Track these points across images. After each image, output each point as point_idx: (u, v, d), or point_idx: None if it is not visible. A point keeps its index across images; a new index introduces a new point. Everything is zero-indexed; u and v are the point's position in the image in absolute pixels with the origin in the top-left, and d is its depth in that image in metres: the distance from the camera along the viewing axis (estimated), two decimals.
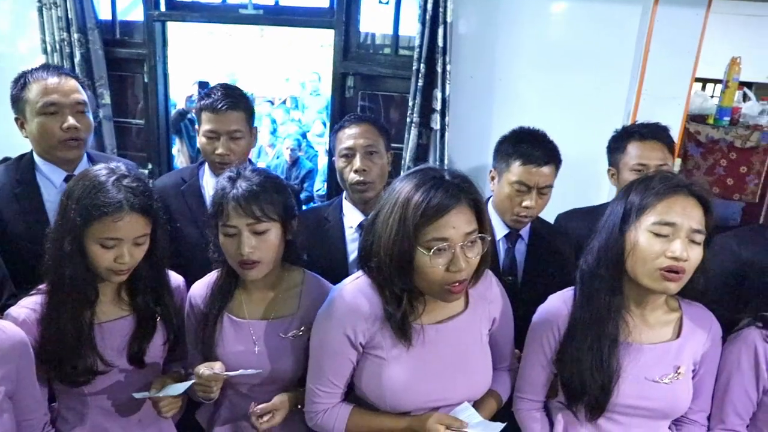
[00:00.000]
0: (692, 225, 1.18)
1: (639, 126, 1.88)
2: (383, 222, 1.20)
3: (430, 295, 1.24)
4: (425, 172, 1.21)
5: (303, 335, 1.43)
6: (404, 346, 1.25)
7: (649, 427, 1.31)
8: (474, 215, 1.20)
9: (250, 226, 1.33)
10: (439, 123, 2.51)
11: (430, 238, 1.15)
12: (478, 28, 2.56)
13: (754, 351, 1.29)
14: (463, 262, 1.17)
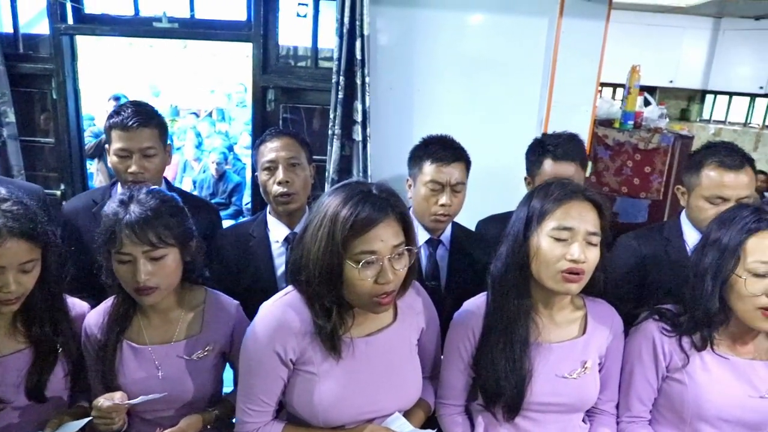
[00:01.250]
0: (588, 228, 1.25)
1: (554, 142, 1.92)
2: (312, 236, 1.20)
3: (359, 308, 1.25)
4: (353, 186, 1.23)
5: (208, 355, 1.41)
6: (334, 360, 1.26)
7: (563, 421, 1.38)
8: (401, 228, 1.22)
9: (145, 253, 1.29)
10: (360, 134, 2.54)
11: (359, 251, 1.16)
12: (396, 41, 2.61)
13: (653, 342, 1.37)
14: (391, 274, 1.19)
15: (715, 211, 1.61)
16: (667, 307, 1.40)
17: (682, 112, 7.38)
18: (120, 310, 1.39)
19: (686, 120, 7.23)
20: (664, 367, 1.37)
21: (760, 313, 1.23)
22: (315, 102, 2.82)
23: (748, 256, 1.24)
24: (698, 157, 1.74)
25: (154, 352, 1.39)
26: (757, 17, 6.27)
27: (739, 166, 1.65)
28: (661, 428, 1.42)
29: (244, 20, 2.70)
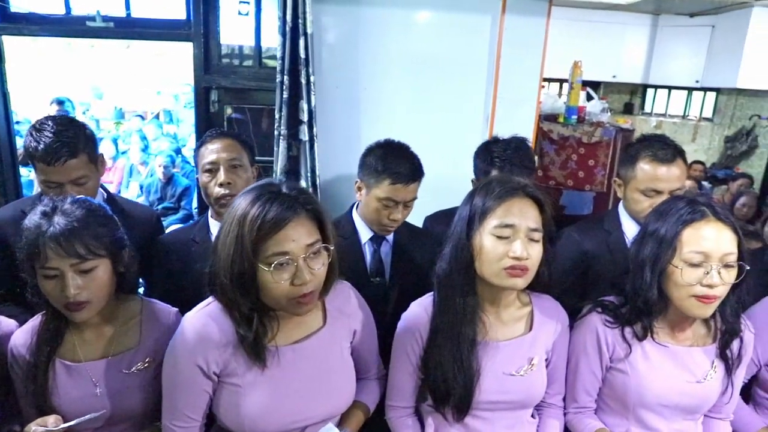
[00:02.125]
0: (529, 225, 1.26)
1: (501, 155, 1.91)
2: (222, 241, 1.16)
3: (280, 311, 1.22)
4: (262, 186, 1.19)
5: (149, 367, 1.35)
6: (259, 369, 1.22)
7: (512, 418, 1.38)
8: (315, 226, 1.20)
9: (74, 267, 1.22)
10: (307, 134, 2.50)
11: (270, 253, 1.13)
12: (341, 39, 2.59)
13: (596, 334, 1.40)
14: (308, 275, 1.16)
15: (650, 203, 1.66)
16: (609, 300, 1.43)
17: (625, 106, 7.62)
18: (50, 327, 1.31)
19: (629, 113, 7.47)
20: (607, 358, 1.40)
21: (696, 301, 1.26)
22: (260, 102, 2.77)
23: (683, 247, 1.27)
24: (633, 151, 1.78)
25: (90, 368, 1.32)
26: (691, 14, 6.53)
27: (672, 159, 1.70)
28: (607, 417, 1.45)
29: (184, 19, 2.62)
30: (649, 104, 7.62)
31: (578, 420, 1.45)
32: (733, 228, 1.26)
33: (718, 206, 1.29)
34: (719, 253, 1.24)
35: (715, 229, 1.25)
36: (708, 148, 7.07)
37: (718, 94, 6.91)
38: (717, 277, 1.23)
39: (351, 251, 1.79)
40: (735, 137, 6.58)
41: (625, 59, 6.87)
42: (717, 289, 1.24)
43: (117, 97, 8.74)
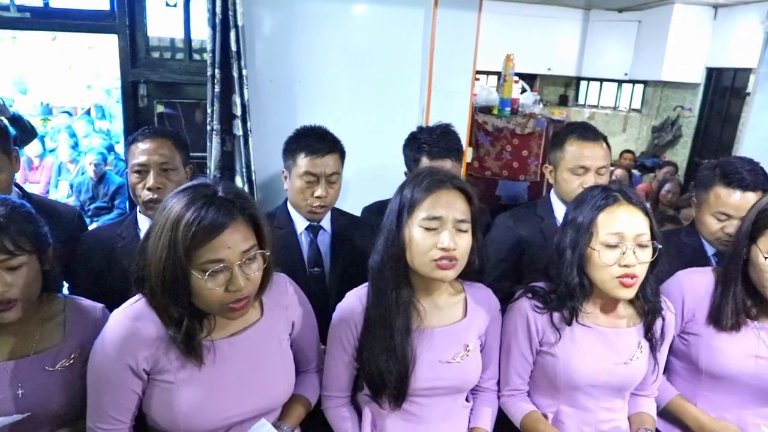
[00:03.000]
0: (456, 216, 1.28)
1: (428, 140, 1.95)
2: (153, 245, 1.12)
3: (212, 314, 1.20)
4: (197, 188, 1.15)
5: (74, 364, 1.30)
6: (195, 366, 1.20)
7: (448, 403, 1.41)
8: (252, 230, 1.18)
9: (2, 263, 1.17)
10: (241, 129, 2.45)
11: (205, 260, 1.11)
12: (273, 31, 2.55)
13: (527, 319, 1.44)
14: (243, 281, 1.14)
15: (580, 182, 1.78)
16: (539, 285, 1.47)
17: (560, 98, 7.87)
18: None
19: (564, 105, 7.73)
20: (537, 342, 1.44)
21: (617, 282, 1.32)
22: (192, 96, 2.70)
23: (599, 230, 1.32)
24: (560, 135, 1.91)
25: (8, 368, 1.25)
26: (620, 9, 6.81)
27: (596, 139, 1.85)
28: (539, 398, 1.50)
29: (107, 10, 2.51)
30: (582, 96, 7.91)
31: (511, 403, 1.49)
32: (644, 210, 1.33)
33: (629, 191, 1.36)
34: (632, 233, 1.30)
35: (628, 212, 1.32)
36: (637, 138, 7.41)
37: (646, 87, 7.25)
38: (632, 256, 1.30)
39: (287, 242, 1.79)
40: (661, 127, 6.92)
41: (559, 53, 7.10)
42: (635, 268, 1.30)
43: (43, 92, 8.30)
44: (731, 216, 1.66)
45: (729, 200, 1.66)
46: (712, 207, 1.71)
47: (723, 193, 1.68)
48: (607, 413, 1.45)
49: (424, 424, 1.39)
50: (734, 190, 1.66)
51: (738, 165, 1.69)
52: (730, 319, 1.46)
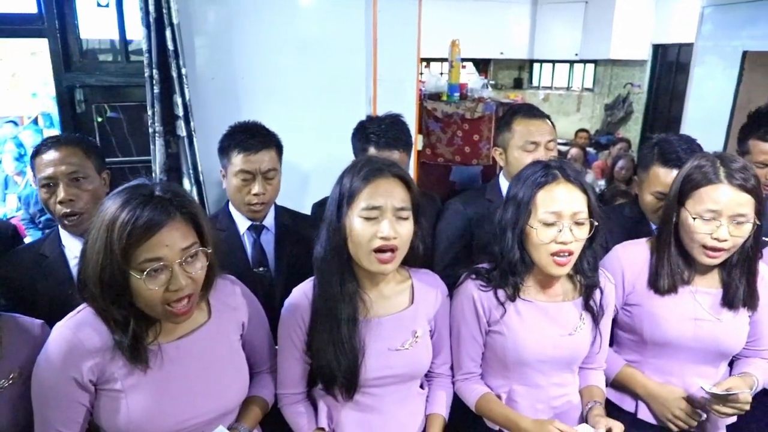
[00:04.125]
0: (396, 204, 1.28)
1: (376, 131, 1.94)
2: (90, 248, 1.11)
3: (156, 317, 1.18)
4: (134, 188, 1.13)
5: (15, 383, 1.25)
6: (141, 371, 1.17)
7: (402, 391, 1.41)
8: (192, 228, 1.16)
9: None
10: (185, 129, 2.39)
11: (142, 259, 1.09)
12: (212, 28, 2.49)
13: (473, 300, 1.45)
14: (184, 280, 1.12)
15: (532, 158, 1.77)
16: (482, 266, 1.48)
17: (515, 81, 7.96)
18: None
19: (519, 88, 7.82)
20: (485, 321, 1.45)
21: (552, 260, 1.34)
22: (133, 99, 2.61)
23: (538, 208, 1.34)
24: (507, 117, 1.95)
25: None
26: None
27: (541, 116, 1.91)
28: (492, 380, 1.51)
29: (35, 13, 2.41)
30: (536, 78, 8.01)
31: (465, 386, 1.50)
32: (582, 188, 1.35)
33: (569, 168, 1.37)
34: (570, 212, 1.32)
35: (566, 190, 1.33)
36: (591, 117, 7.55)
37: (596, 66, 7.38)
38: (569, 234, 1.32)
39: (230, 243, 1.76)
40: (613, 105, 7.07)
41: (511, 36, 7.18)
42: (571, 245, 1.32)
43: None
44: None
45: (667, 179, 1.70)
46: (652, 186, 1.76)
47: (661, 172, 1.73)
48: (558, 389, 1.48)
49: (379, 413, 1.39)
50: (671, 169, 1.70)
51: (675, 144, 1.74)
52: (666, 281, 1.50)
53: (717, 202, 1.39)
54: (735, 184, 1.38)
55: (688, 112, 3.44)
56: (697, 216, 1.41)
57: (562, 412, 1.47)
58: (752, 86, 3.24)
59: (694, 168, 1.44)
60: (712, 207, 1.39)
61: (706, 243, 1.42)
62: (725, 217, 1.39)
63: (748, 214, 1.39)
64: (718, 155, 1.45)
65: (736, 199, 1.38)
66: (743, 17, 3.01)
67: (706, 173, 1.41)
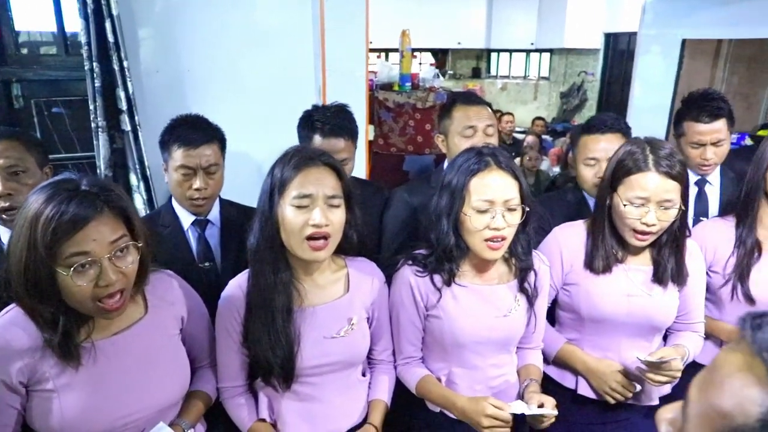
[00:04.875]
0: (326, 192, 1.29)
1: (321, 119, 1.95)
2: (13, 245, 1.08)
3: (88, 313, 1.16)
4: (58, 183, 1.11)
5: None
6: (74, 369, 1.16)
7: (341, 378, 1.43)
8: (121, 222, 1.15)
9: None
10: (129, 124, 2.34)
11: (69, 254, 1.07)
12: (155, 19, 2.44)
13: (410, 285, 1.47)
14: (114, 274, 1.11)
15: (470, 143, 1.83)
16: (420, 251, 1.51)
17: (473, 71, 8.03)
18: None
19: (477, 77, 7.89)
20: (423, 306, 1.48)
21: (486, 245, 1.37)
22: (74, 93, 2.55)
23: (471, 196, 1.37)
24: (447, 104, 1.99)
25: None
26: None
27: (480, 102, 1.95)
28: (432, 363, 1.54)
29: None
30: (494, 68, 8.10)
31: (406, 370, 1.53)
32: (513, 175, 1.38)
33: (501, 155, 1.40)
34: (502, 198, 1.35)
35: (498, 177, 1.37)
36: (548, 105, 7.69)
37: (552, 55, 7.51)
38: (501, 220, 1.35)
39: (174, 239, 1.74)
40: (568, 93, 7.21)
41: (468, 26, 7.24)
42: (503, 231, 1.36)
43: None
44: (598, 159, 1.81)
45: (594, 145, 1.82)
46: (582, 155, 1.86)
47: (588, 140, 1.85)
48: (495, 369, 1.52)
49: (320, 402, 1.40)
50: (595, 134, 1.83)
51: (599, 116, 1.89)
52: (601, 262, 1.56)
53: (645, 189, 1.45)
54: (662, 172, 1.43)
55: (634, 98, 3.54)
56: (628, 202, 1.47)
57: (500, 392, 1.51)
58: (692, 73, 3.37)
59: (626, 154, 1.50)
60: (640, 194, 1.45)
61: (635, 227, 1.48)
62: (653, 203, 1.45)
63: (674, 200, 1.45)
64: (648, 141, 1.51)
65: (663, 186, 1.44)
66: (682, 7, 3.11)
67: (636, 160, 1.46)
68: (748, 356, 0.48)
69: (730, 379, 0.48)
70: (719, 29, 3.04)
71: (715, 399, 0.49)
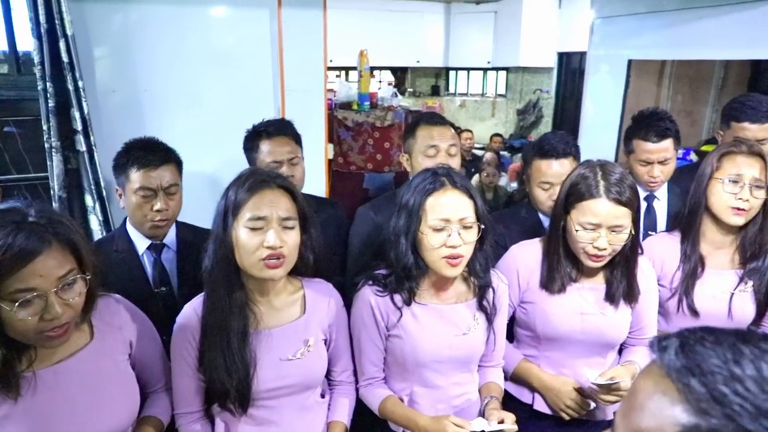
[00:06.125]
0: (281, 214, 1.30)
1: (266, 124, 2.00)
2: None
3: (29, 343, 1.13)
4: (5, 213, 1.07)
5: None
6: (12, 401, 1.12)
7: (299, 401, 1.43)
8: (70, 254, 1.12)
9: None
10: (84, 144, 2.30)
11: (13, 290, 1.03)
12: (111, 39, 2.42)
13: (370, 306, 1.49)
14: (60, 308, 1.08)
15: (433, 162, 1.86)
16: (380, 271, 1.53)
17: (432, 89, 8.16)
18: None
19: (436, 95, 8.02)
20: (384, 326, 1.50)
21: (445, 262, 1.40)
22: (28, 113, 2.49)
23: (428, 215, 1.40)
24: (412, 124, 2.03)
25: None
26: (477, 1, 7.18)
27: (444, 123, 1.99)
28: (394, 382, 1.56)
29: None
30: (453, 85, 8.26)
31: (368, 391, 1.54)
32: (468, 194, 1.42)
33: (455, 175, 1.44)
34: (457, 217, 1.39)
35: (453, 196, 1.40)
36: (505, 122, 7.87)
37: (508, 73, 7.71)
38: (458, 238, 1.38)
39: (128, 264, 1.71)
40: (525, 110, 7.41)
41: (426, 45, 7.36)
42: (460, 248, 1.39)
43: None
44: (552, 183, 1.86)
45: (548, 170, 1.87)
46: (536, 179, 1.90)
47: (542, 165, 1.89)
48: (457, 388, 1.54)
49: (276, 425, 1.40)
50: (549, 160, 1.87)
51: (551, 139, 1.91)
52: (557, 283, 1.61)
53: (596, 215, 1.49)
54: (612, 198, 1.48)
55: (585, 116, 3.68)
56: (580, 227, 1.51)
57: (462, 410, 1.53)
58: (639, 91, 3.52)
59: (579, 177, 1.54)
60: (592, 220, 1.49)
61: (588, 250, 1.52)
62: (604, 228, 1.49)
63: (625, 225, 1.50)
64: (600, 165, 1.55)
65: (613, 213, 1.48)
66: (627, 29, 3.26)
67: (589, 186, 1.50)
68: (659, 378, 0.51)
69: (647, 402, 0.51)
70: (662, 50, 3.20)
71: (637, 423, 0.51)
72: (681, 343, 0.51)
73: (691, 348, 0.50)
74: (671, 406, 0.48)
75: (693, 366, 0.48)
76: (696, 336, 0.51)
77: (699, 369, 0.48)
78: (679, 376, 0.49)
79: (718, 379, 0.46)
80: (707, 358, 0.48)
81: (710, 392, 0.46)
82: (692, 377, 0.48)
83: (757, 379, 0.46)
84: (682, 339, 0.51)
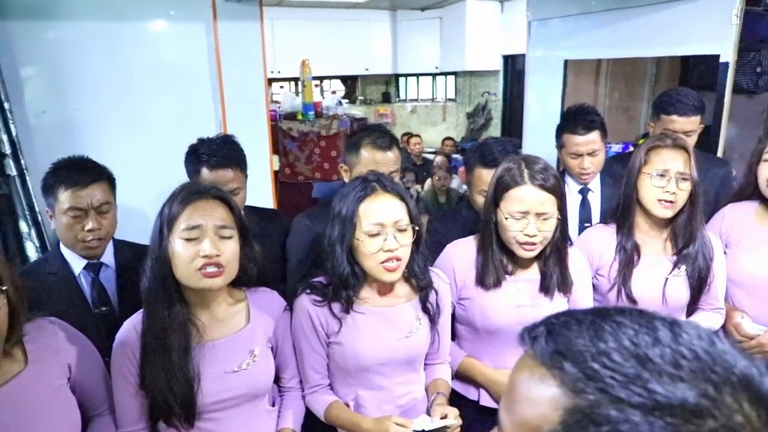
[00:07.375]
0: (216, 223, 1.30)
1: (207, 151, 1.92)
2: None
3: None
4: None
5: None
6: None
7: (246, 411, 1.42)
8: None
9: None
10: (15, 168, 2.23)
11: None
12: (40, 59, 2.35)
13: (308, 314, 1.49)
14: None
15: None
16: (318, 280, 1.53)
17: (383, 96, 8.20)
18: None
19: (387, 102, 8.07)
20: (324, 334, 1.50)
21: (382, 267, 1.42)
22: None
23: (362, 221, 1.41)
24: (356, 139, 1.98)
25: None
26: (422, 8, 7.26)
27: (389, 146, 1.94)
28: (338, 387, 1.56)
29: None
30: (403, 92, 8.32)
31: (314, 399, 1.54)
32: (400, 197, 1.45)
33: (386, 180, 1.46)
34: (391, 220, 1.41)
35: (385, 201, 1.42)
36: (456, 125, 7.98)
37: (456, 77, 7.83)
38: (393, 241, 1.40)
39: (64, 286, 1.67)
40: (474, 113, 7.52)
41: (375, 53, 7.39)
42: (397, 251, 1.41)
43: None
44: None
45: (489, 179, 1.85)
46: (477, 186, 1.92)
47: (483, 173, 1.90)
48: (402, 387, 1.55)
49: None
50: (490, 169, 1.86)
51: (492, 146, 1.92)
52: (492, 278, 1.64)
53: (523, 202, 1.53)
54: (537, 185, 1.52)
55: (528, 116, 3.77)
56: (509, 215, 1.55)
57: (409, 409, 1.55)
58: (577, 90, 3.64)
59: (504, 170, 1.59)
60: (519, 207, 1.54)
61: (519, 239, 1.56)
62: (532, 215, 1.54)
63: (551, 211, 1.55)
64: (523, 158, 1.60)
65: (539, 198, 1.53)
66: (562, 30, 3.36)
67: (513, 176, 1.55)
68: (535, 367, 0.52)
69: (527, 393, 0.52)
70: (595, 50, 3.31)
71: (520, 416, 0.52)
72: (548, 330, 0.53)
73: (559, 333, 0.52)
74: (550, 392, 0.50)
75: (564, 349, 0.50)
76: (560, 320, 0.53)
77: (569, 351, 0.50)
78: (552, 362, 0.50)
79: (588, 357, 0.48)
80: (573, 339, 0.50)
81: (583, 371, 0.48)
82: (564, 360, 0.49)
83: (620, 349, 0.48)
84: (549, 326, 0.53)
